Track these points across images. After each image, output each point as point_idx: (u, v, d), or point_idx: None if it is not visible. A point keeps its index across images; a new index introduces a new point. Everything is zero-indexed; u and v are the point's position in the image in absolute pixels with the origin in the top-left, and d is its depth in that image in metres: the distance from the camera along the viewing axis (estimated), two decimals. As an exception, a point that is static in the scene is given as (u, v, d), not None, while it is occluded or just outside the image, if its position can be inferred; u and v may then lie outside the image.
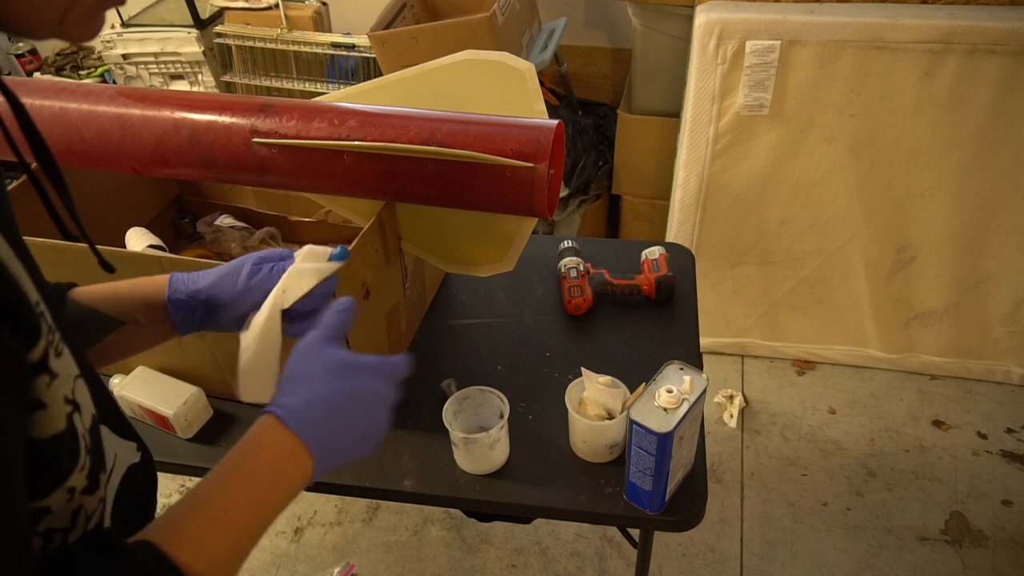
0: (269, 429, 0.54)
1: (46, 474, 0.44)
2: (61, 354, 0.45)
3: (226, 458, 0.54)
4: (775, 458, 1.90)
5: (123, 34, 2.33)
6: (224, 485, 0.52)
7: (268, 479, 0.53)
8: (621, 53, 2.39)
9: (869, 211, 1.86)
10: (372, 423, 0.60)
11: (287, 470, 0.54)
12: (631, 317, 1.24)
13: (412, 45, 1.90)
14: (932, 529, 1.73)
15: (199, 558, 0.48)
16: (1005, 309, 1.94)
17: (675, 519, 0.95)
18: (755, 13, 1.66)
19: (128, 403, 1.08)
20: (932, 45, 1.61)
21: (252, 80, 2.28)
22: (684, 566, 1.70)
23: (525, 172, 0.86)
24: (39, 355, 0.42)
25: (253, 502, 0.53)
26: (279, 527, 1.84)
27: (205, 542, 0.49)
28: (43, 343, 0.43)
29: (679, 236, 2.01)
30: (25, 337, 0.41)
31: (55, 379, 0.44)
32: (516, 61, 1.00)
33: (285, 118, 0.92)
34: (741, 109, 1.77)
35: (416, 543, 1.79)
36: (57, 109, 0.98)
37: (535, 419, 1.08)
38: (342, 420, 0.57)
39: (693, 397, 0.86)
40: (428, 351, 1.21)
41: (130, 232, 1.28)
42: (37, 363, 0.42)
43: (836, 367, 2.12)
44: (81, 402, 0.47)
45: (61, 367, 0.45)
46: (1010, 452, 1.88)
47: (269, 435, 0.54)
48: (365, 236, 0.96)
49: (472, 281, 1.33)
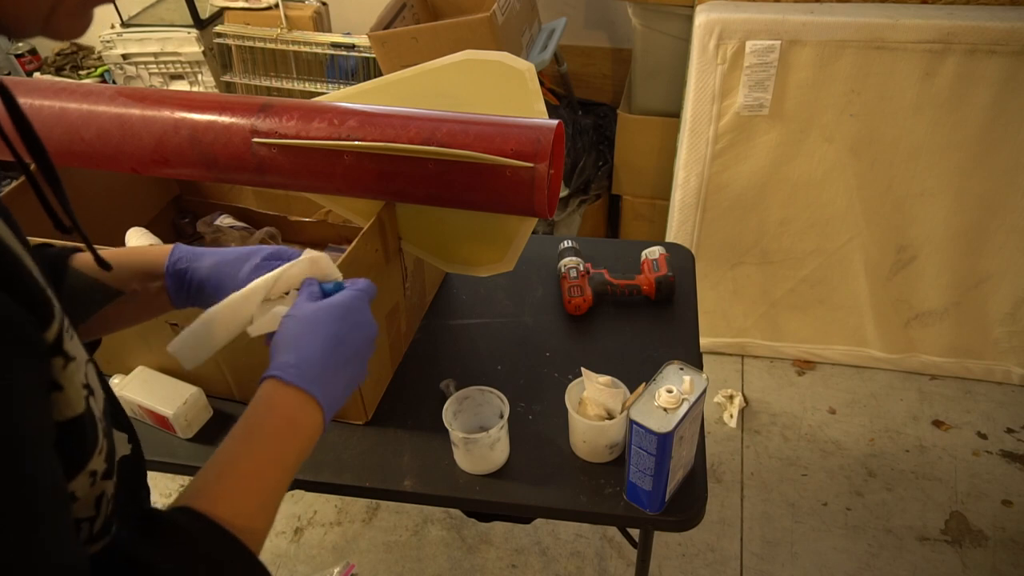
0: (276, 390, 0.58)
1: (69, 457, 0.44)
2: (74, 337, 0.45)
3: (240, 424, 0.57)
4: (775, 458, 1.90)
5: (123, 34, 2.34)
6: (249, 445, 0.56)
7: (288, 433, 0.57)
8: (621, 53, 2.39)
9: (869, 211, 1.86)
10: (360, 349, 0.65)
11: (301, 421, 0.58)
12: (631, 317, 1.24)
13: (412, 45, 1.90)
14: (932, 529, 1.73)
15: (238, 513, 0.51)
16: (1005, 309, 1.94)
17: (675, 519, 0.95)
18: (755, 13, 1.66)
19: (128, 403, 1.08)
20: (932, 45, 1.61)
21: (252, 80, 2.28)
22: (684, 566, 1.70)
23: (525, 172, 0.86)
24: (54, 336, 0.42)
25: (278, 456, 0.56)
26: (279, 527, 1.84)
27: (240, 500, 0.53)
28: (57, 324, 0.42)
29: (679, 236, 2.01)
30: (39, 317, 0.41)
31: (71, 361, 0.44)
32: (516, 61, 0.99)
33: (285, 118, 0.92)
34: (741, 109, 1.77)
35: (416, 543, 1.79)
36: (57, 109, 0.98)
37: (535, 419, 1.08)
38: (335, 363, 0.62)
39: (693, 397, 0.86)
40: (428, 351, 1.21)
41: (130, 232, 1.28)
42: (52, 344, 0.42)
43: (836, 367, 2.12)
44: (94, 387, 0.48)
45: (75, 350, 0.45)
46: (1010, 452, 1.88)
47: (277, 395, 0.58)
48: (365, 236, 0.96)
49: (472, 281, 1.33)
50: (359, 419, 1.08)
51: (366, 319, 0.66)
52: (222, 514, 0.50)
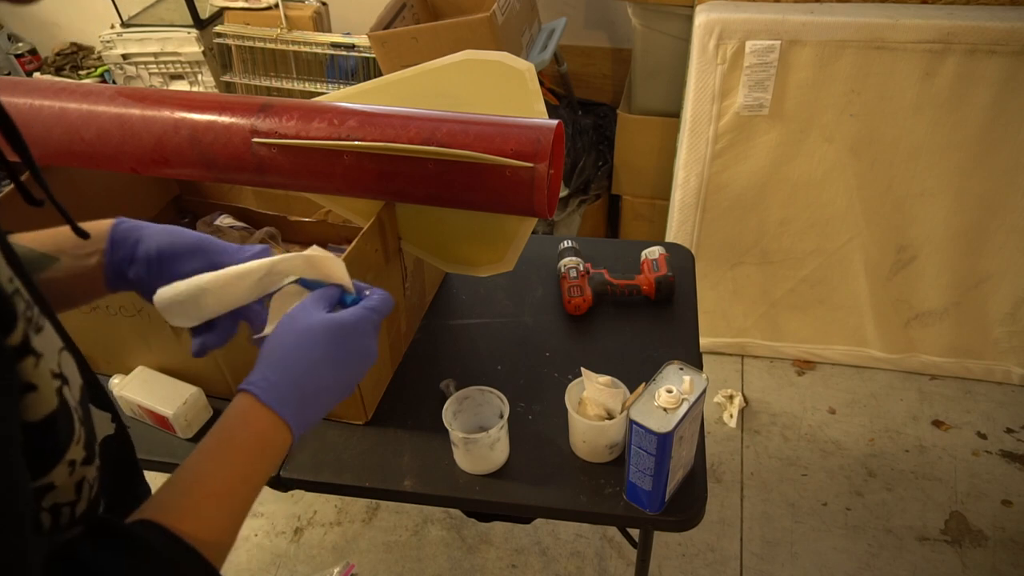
0: (251, 407, 0.57)
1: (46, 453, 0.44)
2: (42, 329, 0.44)
3: (211, 436, 0.56)
4: (775, 458, 1.90)
5: (123, 34, 2.34)
6: (218, 461, 0.55)
7: (257, 451, 0.57)
8: (621, 53, 2.39)
9: (869, 211, 1.86)
10: (352, 376, 0.62)
11: (272, 439, 0.57)
12: (631, 317, 1.24)
13: (412, 45, 1.90)
14: (932, 529, 1.73)
15: (202, 527, 0.51)
16: (1005, 309, 1.94)
17: (675, 519, 0.95)
18: (755, 13, 1.66)
19: (128, 403, 1.08)
20: (932, 45, 1.61)
21: (252, 80, 2.28)
22: (684, 566, 1.70)
23: (525, 172, 0.86)
24: (19, 338, 0.41)
25: (248, 474, 0.56)
26: (279, 527, 1.84)
27: (206, 515, 0.52)
28: (21, 325, 0.42)
29: (679, 236, 2.01)
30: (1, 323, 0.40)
31: (40, 359, 0.43)
32: (516, 61, 0.99)
33: (285, 118, 0.92)
34: (741, 109, 1.77)
35: (416, 543, 1.79)
36: (57, 109, 0.98)
37: (535, 419, 1.08)
38: (321, 388, 0.60)
39: (693, 397, 0.86)
40: (428, 351, 1.21)
41: (130, 232, 1.28)
42: (19, 346, 0.41)
43: (836, 367, 2.12)
44: (68, 374, 0.47)
45: (44, 344, 0.44)
46: (1010, 452, 1.88)
47: (252, 412, 0.57)
48: (365, 236, 0.96)
49: (472, 281, 1.33)
50: (359, 419, 1.08)
51: (368, 346, 0.63)
52: (188, 530, 0.49)
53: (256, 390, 0.57)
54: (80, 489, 0.47)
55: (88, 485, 0.48)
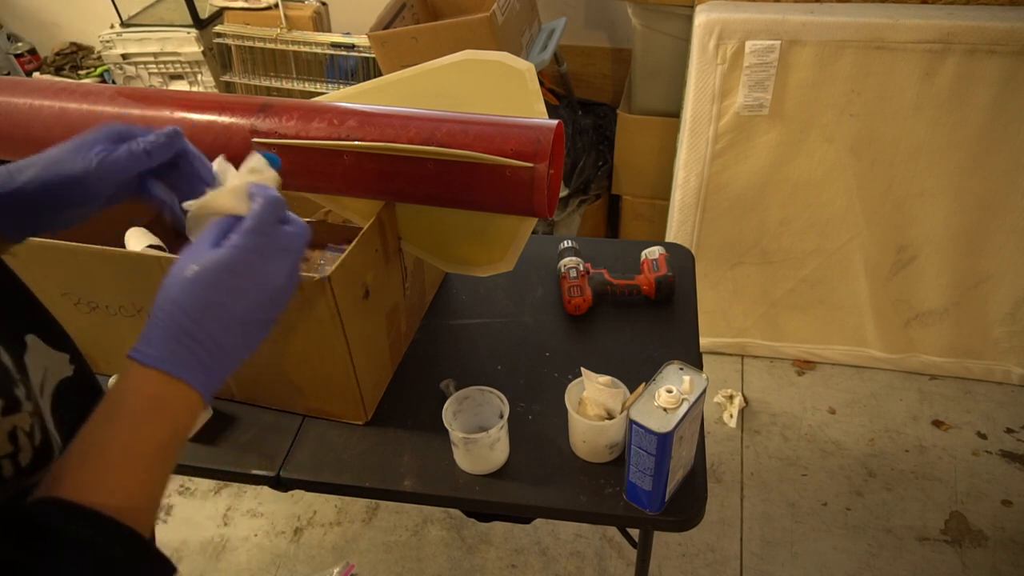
0: (135, 371, 0.52)
1: None
2: None
3: (100, 408, 0.51)
4: (775, 458, 1.90)
5: (123, 34, 2.34)
6: (111, 428, 0.50)
7: (153, 412, 0.51)
8: (621, 53, 2.39)
9: (869, 211, 1.86)
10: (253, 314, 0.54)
11: (169, 401, 0.52)
12: (631, 317, 1.24)
13: (412, 45, 1.90)
14: (932, 529, 1.73)
15: (109, 495, 0.47)
16: (1005, 309, 1.94)
17: (675, 519, 0.95)
18: (755, 13, 1.66)
19: (128, 403, 1.08)
20: (932, 45, 1.61)
21: (252, 80, 2.28)
22: (684, 566, 1.70)
23: (525, 172, 0.86)
24: None
25: (148, 435, 0.51)
26: (279, 527, 1.84)
27: (110, 481, 0.48)
28: None
29: (679, 236, 2.01)
30: None
31: None
32: (516, 61, 0.99)
33: (285, 118, 0.92)
34: (741, 109, 1.77)
35: (416, 543, 1.79)
36: (57, 109, 0.98)
37: (535, 419, 1.08)
38: (209, 337, 0.52)
39: (693, 397, 0.86)
40: (428, 351, 1.21)
41: (130, 232, 1.28)
42: None
43: (836, 367, 2.12)
44: None
45: None
46: (1010, 452, 1.88)
47: (137, 375, 0.52)
48: (365, 236, 0.96)
49: (472, 281, 1.33)
50: (359, 419, 1.08)
51: (267, 276, 0.54)
52: (93, 498, 0.46)
53: (137, 355, 0.52)
54: (14, 439, 0.45)
55: (24, 433, 0.46)
